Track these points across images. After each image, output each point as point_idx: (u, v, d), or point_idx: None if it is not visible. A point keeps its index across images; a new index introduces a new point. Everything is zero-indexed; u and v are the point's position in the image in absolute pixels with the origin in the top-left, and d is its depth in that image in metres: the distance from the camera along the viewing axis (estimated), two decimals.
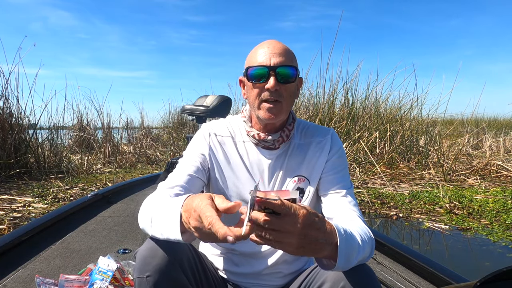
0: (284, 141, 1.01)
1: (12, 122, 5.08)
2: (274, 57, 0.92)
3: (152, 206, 0.85)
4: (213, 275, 1.04)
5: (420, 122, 6.82)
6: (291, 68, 0.93)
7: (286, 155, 1.02)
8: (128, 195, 3.56)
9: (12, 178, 4.77)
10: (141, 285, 0.81)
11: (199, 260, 0.95)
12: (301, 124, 1.08)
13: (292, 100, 0.98)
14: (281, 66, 0.91)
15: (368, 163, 5.75)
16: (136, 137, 8.93)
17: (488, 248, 2.71)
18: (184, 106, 3.42)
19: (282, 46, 0.95)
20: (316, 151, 1.03)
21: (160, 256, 0.81)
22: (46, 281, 1.56)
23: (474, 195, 4.16)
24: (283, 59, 0.92)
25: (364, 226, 0.87)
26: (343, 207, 0.95)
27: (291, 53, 0.96)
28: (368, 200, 4.01)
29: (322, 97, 6.63)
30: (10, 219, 3.07)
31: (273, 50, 0.92)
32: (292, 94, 0.96)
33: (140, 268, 0.82)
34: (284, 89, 0.93)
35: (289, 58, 0.94)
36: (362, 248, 0.78)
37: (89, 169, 5.94)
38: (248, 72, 0.94)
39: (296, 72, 0.95)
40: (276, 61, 0.91)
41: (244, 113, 1.05)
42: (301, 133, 1.06)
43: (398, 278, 1.80)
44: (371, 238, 0.85)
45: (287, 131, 1.00)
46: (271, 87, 0.90)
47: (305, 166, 1.02)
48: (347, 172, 1.04)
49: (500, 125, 11.30)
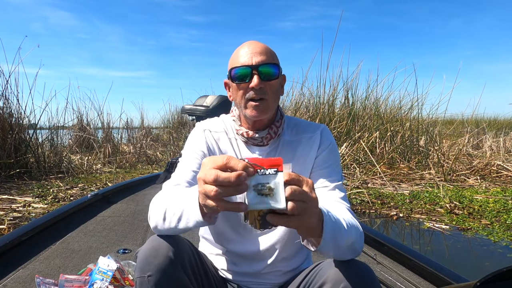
0: (273, 137, 1.01)
1: (12, 122, 5.08)
2: (256, 56, 0.94)
3: (163, 201, 0.86)
4: (214, 275, 1.04)
5: (421, 122, 6.82)
6: (272, 65, 0.95)
7: (276, 152, 1.03)
8: (128, 195, 3.56)
9: (12, 178, 4.77)
10: (142, 284, 0.81)
11: (200, 260, 0.95)
12: (292, 121, 1.09)
13: (277, 97, 1.00)
14: (263, 64, 0.93)
15: (368, 163, 5.75)
16: (136, 137, 8.94)
17: (488, 248, 2.71)
18: (184, 106, 3.43)
19: (262, 45, 0.97)
20: (305, 147, 1.03)
21: (162, 255, 0.81)
22: (46, 281, 1.56)
23: (475, 195, 4.15)
24: (264, 58, 0.94)
25: (351, 216, 0.88)
26: (330, 200, 0.95)
27: (271, 52, 0.98)
28: (368, 200, 4.01)
29: (322, 97, 6.64)
30: (10, 219, 3.07)
31: (254, 50, 0.95)
32: (276, 91, 0.98)
33: (142, 268, 0.82)
34: (268, 86, 0.95)
35: (270, 56, 0.96)
36: (348, 231, 0.78)
37: (89, 169, 5.95)
38: (231, 74, 0.96)
39: (279, 70, 0.97)
40: (257, 60, 0.94)
41: (234, 113, 1.07)
42: (291, 130, 1.06)
43: (398, 278, 1.80)
44: (358, 227, 0.85)
45: (274, 128, 1.02)
46: (255, 85, 0.92)
47: (295, 162, 1.02)
48: (337, 167, 1.04)
49: (501, 125, 11.29)
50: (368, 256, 2.04)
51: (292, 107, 7.13)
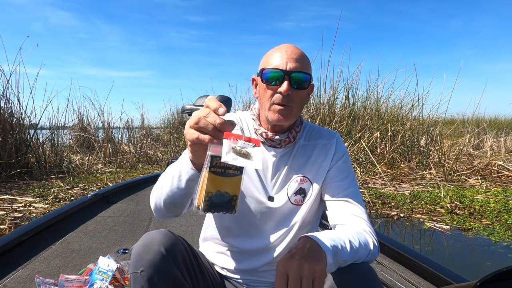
0: (291, 142, 1.02)
1: (13, 122, 5.09)
2: (290, 62, 0.93)
3: (159, 179, 0.93)
4: (209, 271, 1.05)
5: (421, 122, 6.81)
6: (305, 74, 0.94)
7: (291, 154, 1.03)
8: (128, 195, 3.56)
9: (13, 178, 4.77)
10: (135, 280, 0.83)
11: (194, 257, 0.96)
12: (307, 126, 1.09)
13: (302, 106, 0.99)
14: (296, 71, 0.92)
15: (369, 163, 5.74)
16: (137, 137, 8.95)
17: (489, 248, 2.70)
18: (184, 106, 3.41)
19: (299, 51, 0.96)
20: (320, 153, 1.04)
21: (154, 251, 0.83)
22: (46, 281, 1.56)
23: (475, 195, 4.15)
24: (298, 65, 0.93)
25: (364, 232, 0.91)
26: (346, 215, 0.97)
27: (307, 60, 0.97)
28: (369, 200, 4.01)
29: (323, 97, 6.63)
30: (11, 219, 3.07)
31: (290, 55, 0.93)
32: (302, 100, 0.98)
33: (135, 264, 0.84)
34: (296, 94, 0.94)
35: (305, 64, 0.95)
36: (355, 252, 0.82)
37: (89, 169, 5.95)
38: (263, 73, 0.95)
39: (310, 79, 0.96)
40: (291, 66, 0.92)
41: (253, 111, 1.07)
42: (306, 134, 1.07)
43: (398, 278, 1.79)
44: (367, 245, 0.88)
45: (294, 132, 1.02)
46: (284, 91, 0.92)
47: (309, 167, 1.03)
48: (353, 177, 1.04)
49: (501, 125, 11.28)
50: None
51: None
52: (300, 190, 1.01)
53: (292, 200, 1.01)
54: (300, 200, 1.01)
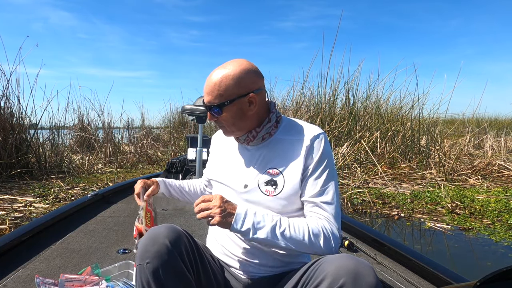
0: (251, 140, 1.09)
1: (13, 122, 5.10)
2: (206, 95, 1.05)
3: None
4: (212, 264, 1.08)
5: (422, 121, 6.80)
6: (214, 107, 1.04)
7: (266, 148, 1.09)
8: (128, 195, 3.56)
9: (14, 178, 4.78)
10: (141, 271, 0.87)
11: (197, 250, 1.00)
12: (290, 123, 1.13)
13: (234, 120, 1.06)
14: (208, 105, 1.06)
15: (369, 163, 5.74)
16: (137, 137, 8.95)
17: (490, 248, 2.70)
18: (184, 106, 3.41)
19: (211, 83, 1.03)
20: (296, 149, 1.05)
21: (160, 243, 0.88)
22: (46, 281, 1.56)
23: (476, 195, 4.14)
24: (211, 98, 1.04)
25: (321, 225, 0.97)
26: (314, 214, 1.01)
27: (219, 88, 1.02)
28: (369, 200, 4.01)
29: (323, 96, 6.63)
30: (11, 219, 3.07)
31: (205, 89, 1.06)
32: (230, 118, 1.06)
33: (141, 256, 0.88)
34: (221, 118, 1.06)
35: (215, 95, 1.03)
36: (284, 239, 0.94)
37: (90, 169, 5.96)
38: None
39: (222, 107, 1.03)
40: (206, 100, 1.06)
41: None
42: (285, 129, 1.10)
43: (398, 278, 1.79)
44: (321, 236, 0.95)
45: (254, 132, 1.08)
46: (209, 119, 1.10)
47: (282, 161, 1.05)
48: (328, 179, 1.03)
49: (502, 124, 11.26)
50: (368, 256, 2.03)
51: (292, 107, 7.12)
52: (271, 181, 1.05)
53: (263, 190, 1.05)
54: (271, 191, 1.04)
